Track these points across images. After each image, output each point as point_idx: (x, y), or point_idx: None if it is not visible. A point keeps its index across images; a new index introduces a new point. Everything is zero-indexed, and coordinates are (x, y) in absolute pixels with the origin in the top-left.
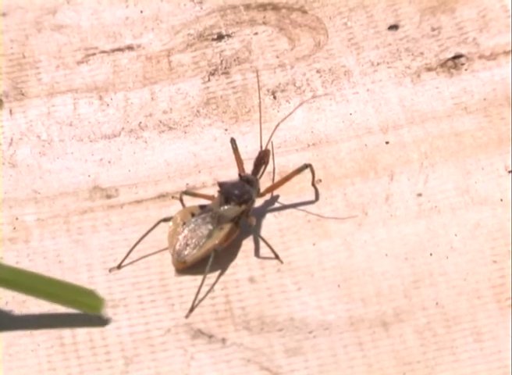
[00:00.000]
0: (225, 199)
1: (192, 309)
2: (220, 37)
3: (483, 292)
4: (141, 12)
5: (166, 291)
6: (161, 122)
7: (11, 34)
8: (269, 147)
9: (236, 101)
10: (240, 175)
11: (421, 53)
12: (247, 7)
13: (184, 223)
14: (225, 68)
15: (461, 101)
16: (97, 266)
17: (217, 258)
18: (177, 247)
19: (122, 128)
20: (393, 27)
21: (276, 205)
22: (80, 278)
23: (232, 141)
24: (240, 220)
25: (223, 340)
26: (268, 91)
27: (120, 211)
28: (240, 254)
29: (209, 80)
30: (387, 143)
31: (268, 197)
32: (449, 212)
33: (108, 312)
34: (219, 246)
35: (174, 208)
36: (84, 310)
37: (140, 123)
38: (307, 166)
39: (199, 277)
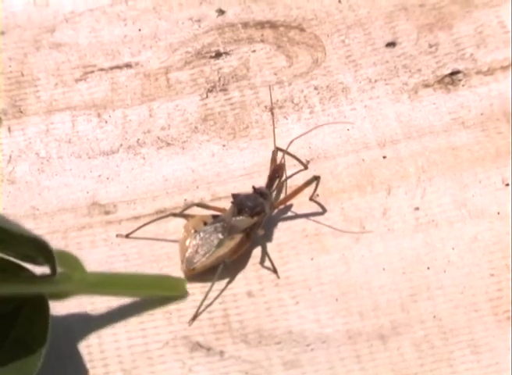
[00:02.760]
0: (237, 210)
1: (195, 317)
2: (218, 55)
3: (480, 305)
4: (139, 30)
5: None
6: (159, 138)
7: (9, 52)
8: (283, 161)
9: (234, 117)
10: (253, 187)
11: (419, 70)
12: (245, 25)
13: (196, 231)
14: (223, 85)
15: (458, 116)
16: None
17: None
18: (187, 254)
19: (121, 145)
20: (391, 44)
21: (274, 220)
22: None
23: (275, 151)
24: (251, 232)
25: (221, 352)
26: (265, 107)
27: (118, 227)
28: (238, 268)
29: (207, 96)
30: (384, 157)
31: None
32: (446, 225)
33: (105, 325)
34: (229, 258)
35: (172, 224)
36: (171, 295)
37: (139, 139)
38: (316, 177)
39: (197, 291)
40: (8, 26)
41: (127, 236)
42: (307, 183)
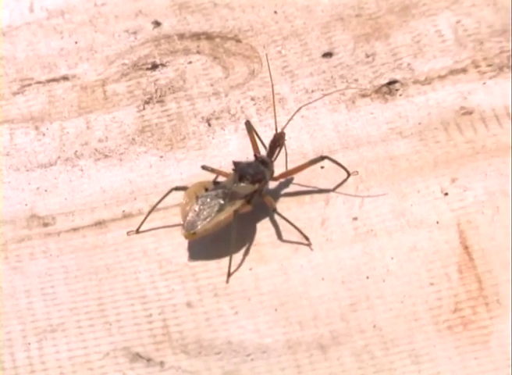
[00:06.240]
0: (239, 177)
1: (230, 274)
2: (154, 67)
3: (420, 314)
4: (76, 43)
5: (104, 316)
6: (96, 150)
7: None
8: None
9: (171, 128)
10: (255, 155)
11: (356, 80)
12: (181, 37)
13: (197, 197)
14: (160, 96)
15: (396, 126)
16: (35, 292)
17: (155, 284)
18: (188, 218)
19: (59, 157)
20: (327, 55)
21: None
22: (18, 304)
23: (247, 123)
24: (252, 199)
25: (161, 363)
26: (202, 118)
27: (57, 238)
28: (177, 279)
29: (144, 108)
30: (322, 168)
31: None
32: (385, 235)
33: (46, 336)
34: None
35: (110, 235)
36: None
37: (76, 151)
38: (323, 157)
39: (136, 302)
40: None
41: (137, 231)
42: (312, 162)
